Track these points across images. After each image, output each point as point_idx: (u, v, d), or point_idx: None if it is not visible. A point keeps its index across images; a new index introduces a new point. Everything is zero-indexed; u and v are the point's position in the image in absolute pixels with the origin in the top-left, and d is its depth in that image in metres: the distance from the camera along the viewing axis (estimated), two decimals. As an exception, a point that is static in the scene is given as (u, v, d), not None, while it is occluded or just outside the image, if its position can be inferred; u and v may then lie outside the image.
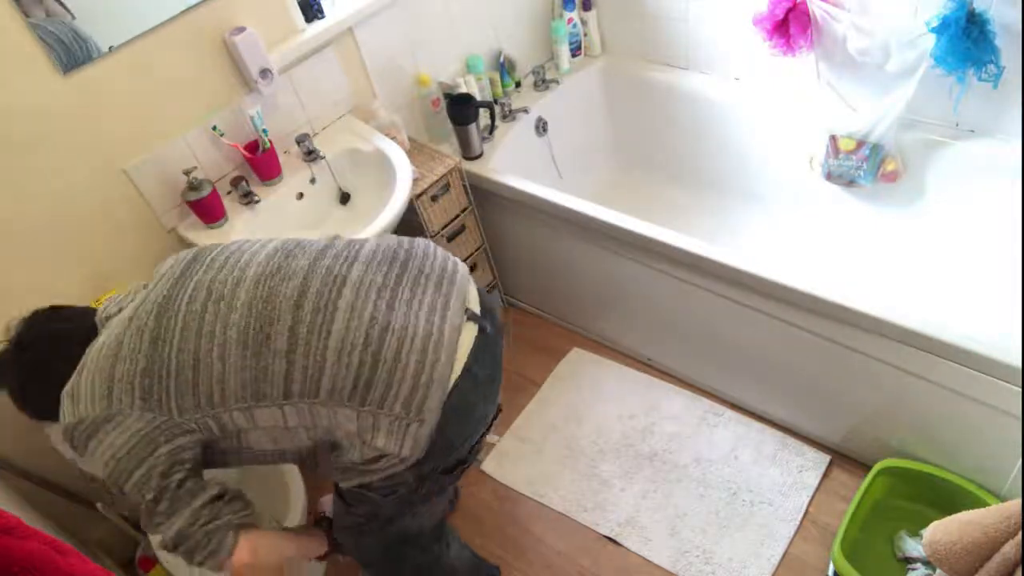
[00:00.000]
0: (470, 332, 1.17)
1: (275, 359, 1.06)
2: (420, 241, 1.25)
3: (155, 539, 1.09)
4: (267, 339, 1.06)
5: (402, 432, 1.08)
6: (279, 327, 1.07)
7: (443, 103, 2.14)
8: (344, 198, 1.91)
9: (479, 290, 1.27)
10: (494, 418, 1.29)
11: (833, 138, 1.99)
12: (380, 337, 1.07)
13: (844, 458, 1.87)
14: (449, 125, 2.12)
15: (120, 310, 1.17)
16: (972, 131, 1.83)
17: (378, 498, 1.21)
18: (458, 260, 1.26)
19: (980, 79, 1.68)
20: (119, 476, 1.05)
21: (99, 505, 1.66)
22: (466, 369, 1.13)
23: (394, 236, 1.25)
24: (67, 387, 1.10)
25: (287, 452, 1.14)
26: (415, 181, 1.89)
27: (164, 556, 1.53)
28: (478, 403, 1.18)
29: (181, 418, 1.06)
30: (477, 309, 1.22)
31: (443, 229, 2.07)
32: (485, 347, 1.18)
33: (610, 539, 1.84)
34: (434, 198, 1.99)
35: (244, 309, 1.08)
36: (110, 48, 1.49)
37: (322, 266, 1.13)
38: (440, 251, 1.25)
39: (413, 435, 1.08)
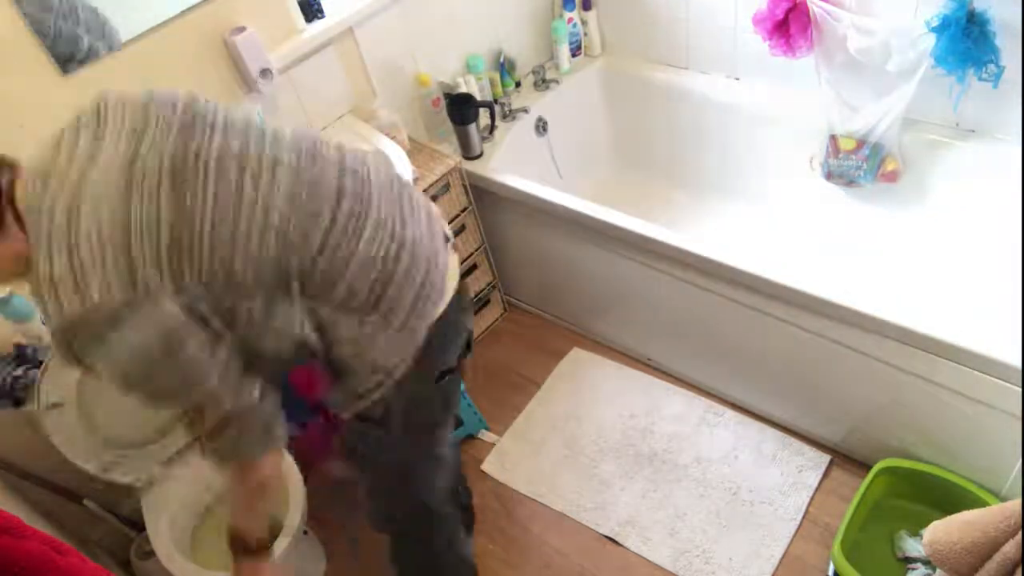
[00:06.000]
0: (454, 260, 1.24)
1: (304, 256, 1.01)
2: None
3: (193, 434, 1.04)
4: (304, 236, 1.00)
5: (394, 342, 1.11)
6: (317, 225, 1.01)
7: (443, 103, 2.14)
8: (344, 198, 1.91)
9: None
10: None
11: (833, 138, 1.99)
12: (396, 255, 1.08)
13: (844, 458, 1.87)
14: (449, 125, 2.12)
15: (45, 180, 0.92)
16: (972, 131, 1.83)
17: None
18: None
19: (980, 79, 1.68)
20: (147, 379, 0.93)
21: (88, 503, 1.66)
22: (453, 299, 1.20)
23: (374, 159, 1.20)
24: (45, 271, 0.88)
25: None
26: (415, 181, 1.89)
27: (160, 552, 1.52)
28: (459, 320, 1.27)
29: (215, 300, 0.96)
30: (448, 230, 1.27)
31: (443, 229, 2.07)
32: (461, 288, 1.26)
33: (610, 539, 1.84)
34: (434, 198, 1.99)
35: (285, 199, 1.00)
36: (110, 48, 1.49)
37: (347, 167, 1.08)
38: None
39: (404, 344, 1.12)
